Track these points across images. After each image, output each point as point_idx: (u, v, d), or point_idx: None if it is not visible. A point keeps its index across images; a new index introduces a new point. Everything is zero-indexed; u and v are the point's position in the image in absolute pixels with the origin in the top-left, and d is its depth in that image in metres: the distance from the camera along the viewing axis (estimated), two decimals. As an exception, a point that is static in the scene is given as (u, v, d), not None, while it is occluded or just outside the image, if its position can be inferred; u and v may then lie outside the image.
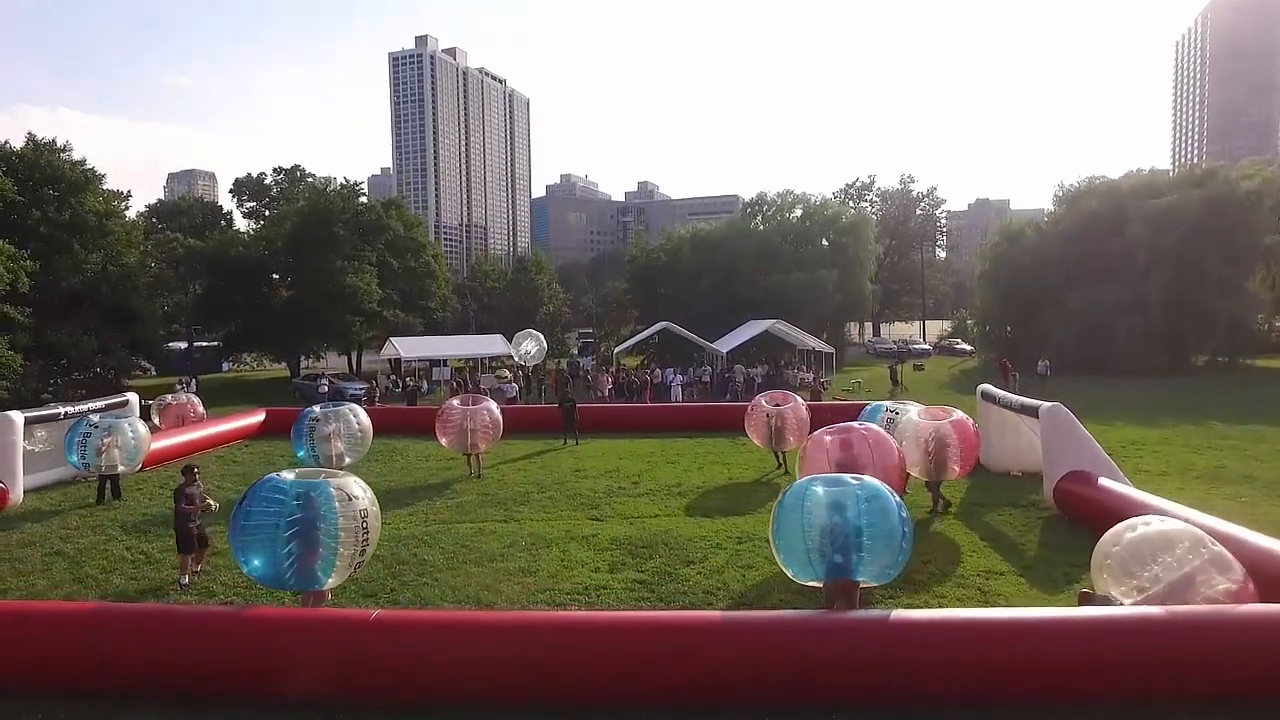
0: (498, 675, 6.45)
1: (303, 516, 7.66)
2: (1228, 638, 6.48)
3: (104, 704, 6.61)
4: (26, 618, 7.13)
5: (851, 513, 7.43)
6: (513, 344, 29.93)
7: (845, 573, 7.45)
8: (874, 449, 10.49)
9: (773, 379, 30.63)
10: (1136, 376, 34.53)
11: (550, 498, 14.23)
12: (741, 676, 6.40)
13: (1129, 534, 7.54)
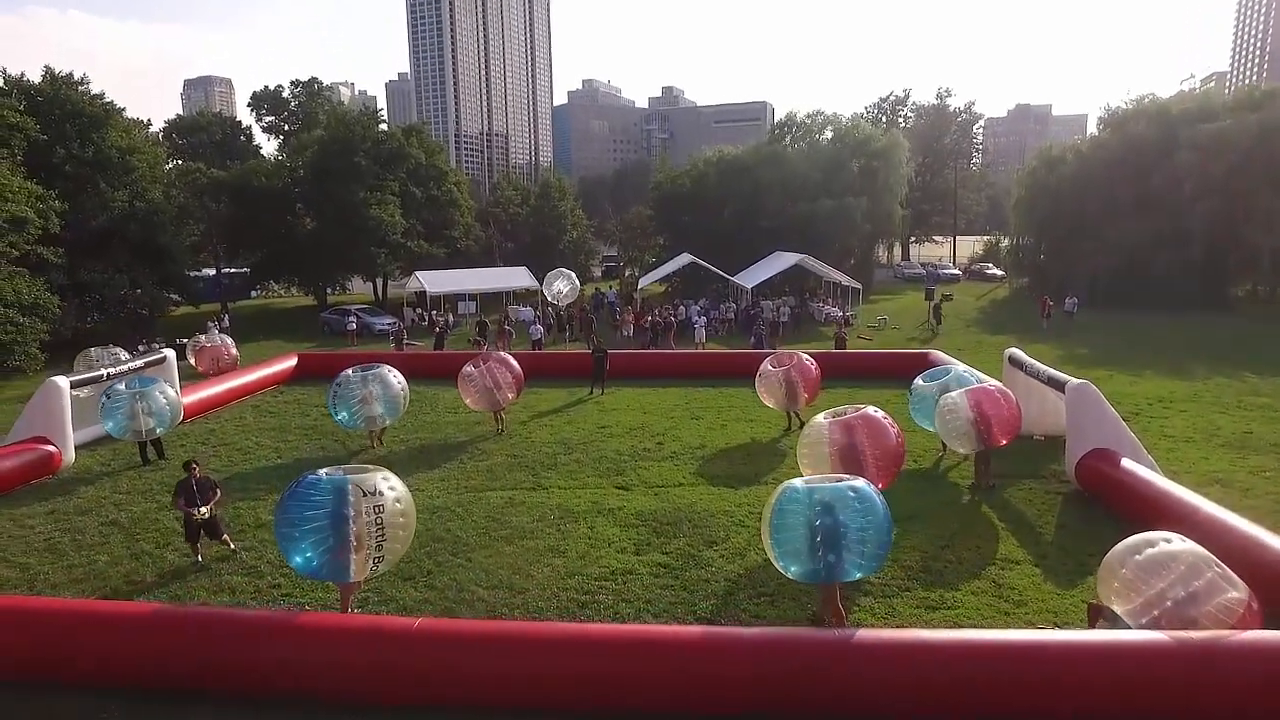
0: (529, 685, 6.89)
1: (333, 513, 7.96)
2: (1190, 665, 6.66)
3: (164, 703, 7.18)
4: (94, 617, 7.62)
5: (843, 514, 7.60)
6: (544, 283, 29.93)
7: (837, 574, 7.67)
8: (870, 435, 10.54)
9: (798, 317, 30.47)
10: (1171, 311, 33.86)
11: (577, 461, 14.60)
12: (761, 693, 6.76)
13: (1135, 556, 7.60)
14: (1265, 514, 11.37)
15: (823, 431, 10.67)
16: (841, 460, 10.37)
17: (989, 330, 30.27)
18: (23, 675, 7.39)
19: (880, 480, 10.46)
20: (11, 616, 7.65)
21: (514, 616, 8.80)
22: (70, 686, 7.32)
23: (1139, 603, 7.33)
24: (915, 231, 66.70)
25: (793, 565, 7.82)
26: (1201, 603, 7.15)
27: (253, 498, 12.73)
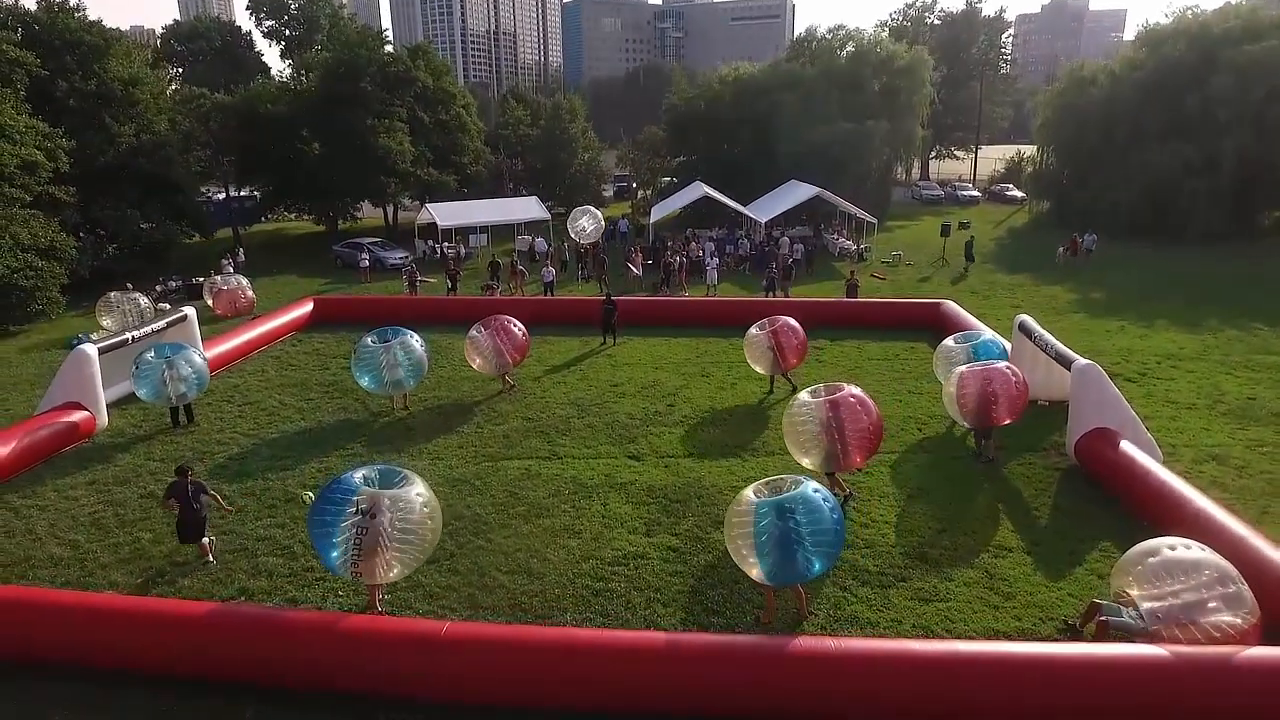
0: (549, 687, 7.53)
1: (362, 518, 8.44)
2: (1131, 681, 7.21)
3: (216, 697, 7.88)
4: (153, 616, 8.27)
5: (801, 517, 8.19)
6: (569, 220, 29.72)
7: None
8: (861, 410, 10.87)
9: (812, 254, 30.23)
10: (1194, 243, 33.41)
11: (590, 425, 15.05)
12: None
13: (1167, 551, 8.10)
14: (1255, 496, 11.81)
15: (809, 410, 11.01)
16: (826, 438, 10.76)
17: (1005, 268, 29.99)
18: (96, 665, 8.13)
19: (859, 455, 10.98)
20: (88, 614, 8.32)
21: (533, 605, 9.43)
22: (133, 678, 8.05)
23: (1154, 594, 7.86)
24: (936, 146, 64.79)
25: (770, 571, 8.32)
26: (1214, 612, 7.66)
27: (281, 468, 13.31)
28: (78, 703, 7.86)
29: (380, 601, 9.21)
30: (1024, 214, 45.95)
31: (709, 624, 9.07)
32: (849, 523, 11.20)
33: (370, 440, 14.46)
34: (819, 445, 10.85)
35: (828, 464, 11.00)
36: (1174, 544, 8.34)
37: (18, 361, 20.12)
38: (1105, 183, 37.64)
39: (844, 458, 10.88)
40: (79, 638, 8.16)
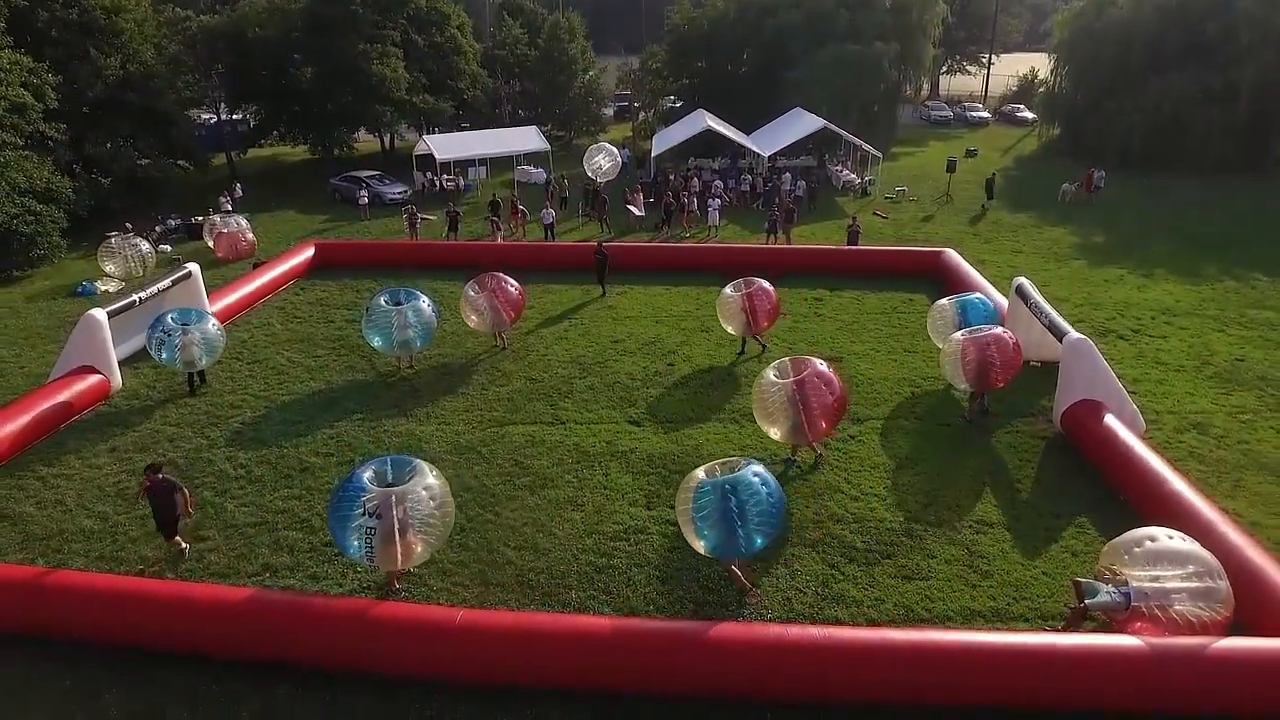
0: (557, 669, 8.21)
1: (369, 519, 8.94)
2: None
3: (252, 674, 8.58)
4: (192, 601, 8.88)
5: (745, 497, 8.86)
6: (585, 158, 29.23)
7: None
8: (825, 387, 11.44)
9: (814, 190, 29.85)
10: (1206, 175, 33.03)
11: (591, 387, 15.43)
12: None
13: (1166, 540, 8.61)
14: (1230, 469, 12.31)
15: (777, 387, 11.52)
16: (794, 412, 11.36)
17: (1008, 205, 29.65)
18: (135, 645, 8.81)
19: (826, 424, 11.62)
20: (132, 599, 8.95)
21: (539, 582, 10.06)
22: (172, 658, 8.73)
23: (1140, 575, 8.43)
24: (948, 60, 62.63)
25: (712, 546, 9.03)
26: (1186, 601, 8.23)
27: (295, 434, 13.78)
28: (125, 678, 8.57)
29: (398, 581, 9.84)
30: (1033, 139, 44.95)
31: (705, 601, 9.70)
32: (840, 495, 11.81)
33: (379, 404, 14.87)
34: (786, 420, 11.50)
35: (793, 437, 11.71)
36: (1171, 534, 8.78)
37: (25, 311, 20.34)
38: (1119, 109, 36.70)
39: (810, 431, 11.53)
40: (125, 619, 8.79)
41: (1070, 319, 18.13)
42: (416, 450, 13.17)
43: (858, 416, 14.15)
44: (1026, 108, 51.80)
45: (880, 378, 15.67)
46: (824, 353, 16.72)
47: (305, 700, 8.29)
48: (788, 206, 25.10)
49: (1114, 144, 36.17)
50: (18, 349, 17.85)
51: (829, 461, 12.66)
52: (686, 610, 9.55)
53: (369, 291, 21.17)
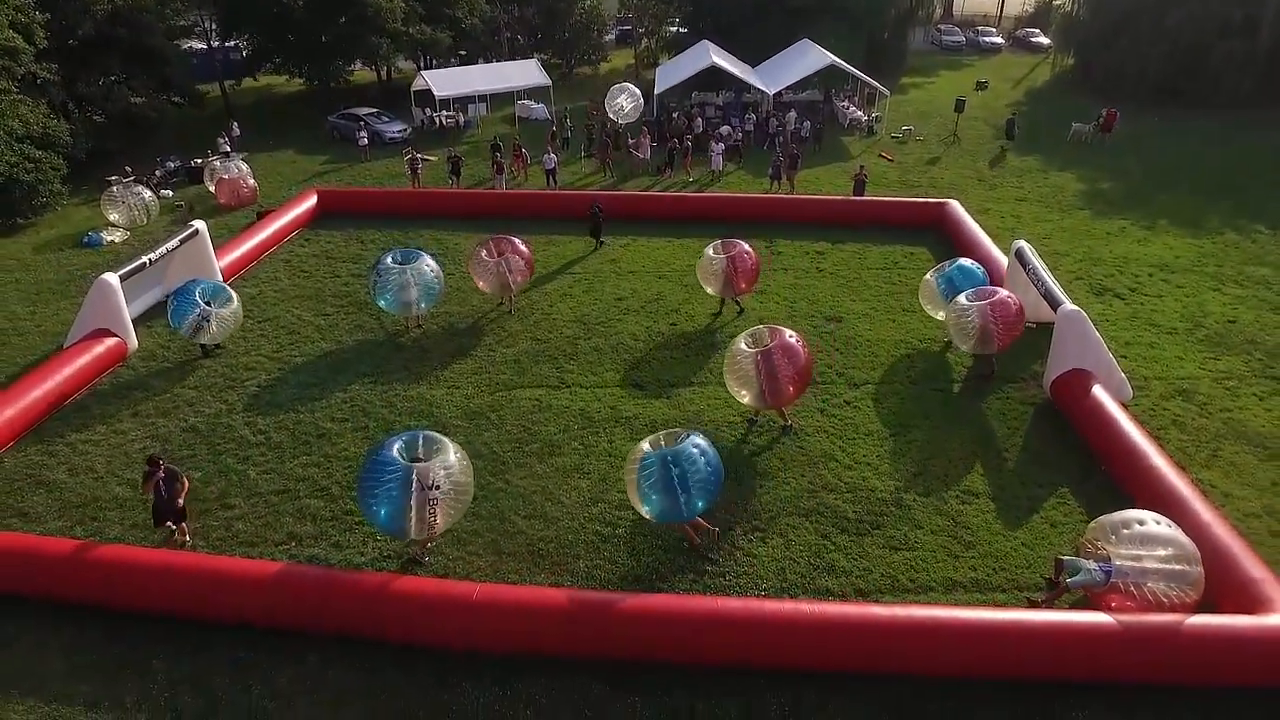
0: (565, 639, 8.91)
1: (401, 491, 9.50)
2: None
3: (285, 640, 9.30)
4: (220, 574, 9.53)
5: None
6: (606, 99, 28.63)
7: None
8: (788, 359, 12.05)
9: (819, 131, 29.38)
10: (1221, 111, 32.38)
11: (595, 349, 15.80)
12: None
13: (1154, 525, 9.18)
14: (1210, 438, 12.81)
15: (747, 356, 12.14)
16: (763, 380, 12.00)
17: (1016, 146, 29.19)
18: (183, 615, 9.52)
19: (794, 389, 12.28)
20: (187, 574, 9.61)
21: (549, 551, 10.70)
22: (214, 626, 9.45)
23: (1121, 554, 9.05)
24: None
25: (656, 511, 9.79)
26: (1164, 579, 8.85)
27: (310, 398, 14.25)
28: (177, 642, 9.30)
29: (425, 551, 10.50)
30: (1046, 68, 43.72)
31: (705, 570, 10.36)
32: (834, 464, 12.37)
33: (389, 366, 15.28)
34: (752, 387, 12.14)
35: (759, 402, 12.34)
36: (1159, 520, 9.30)
37: (35, 264, 20.54)
38: (1134, 40, 35.67)
39: (774, 399, 12.20)
40: (172, 590, 9.47)
41: (1069, 276, 18.51)
42: (429, 415, 13.69)
43: (854, 381, 14.60)
44: (1043, 32, 50.16)
45: (878, 339, 16.02)
46: (825, 313, 17.10)
47: (338, 667, 9.02)
48: (791, 153, 24.80)
49: (1130, 76, 35.35)
50: (32, 305, 18.16)
51: (825, 429, 13.17)
52: (686, 579, 10.22)
53: (374, 243, 21.33)
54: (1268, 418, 13.24)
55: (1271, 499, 11.42)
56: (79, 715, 8.53)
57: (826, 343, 15.88)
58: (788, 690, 8.65)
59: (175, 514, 10.65)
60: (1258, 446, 12.50)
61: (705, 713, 8.47)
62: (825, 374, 14.78)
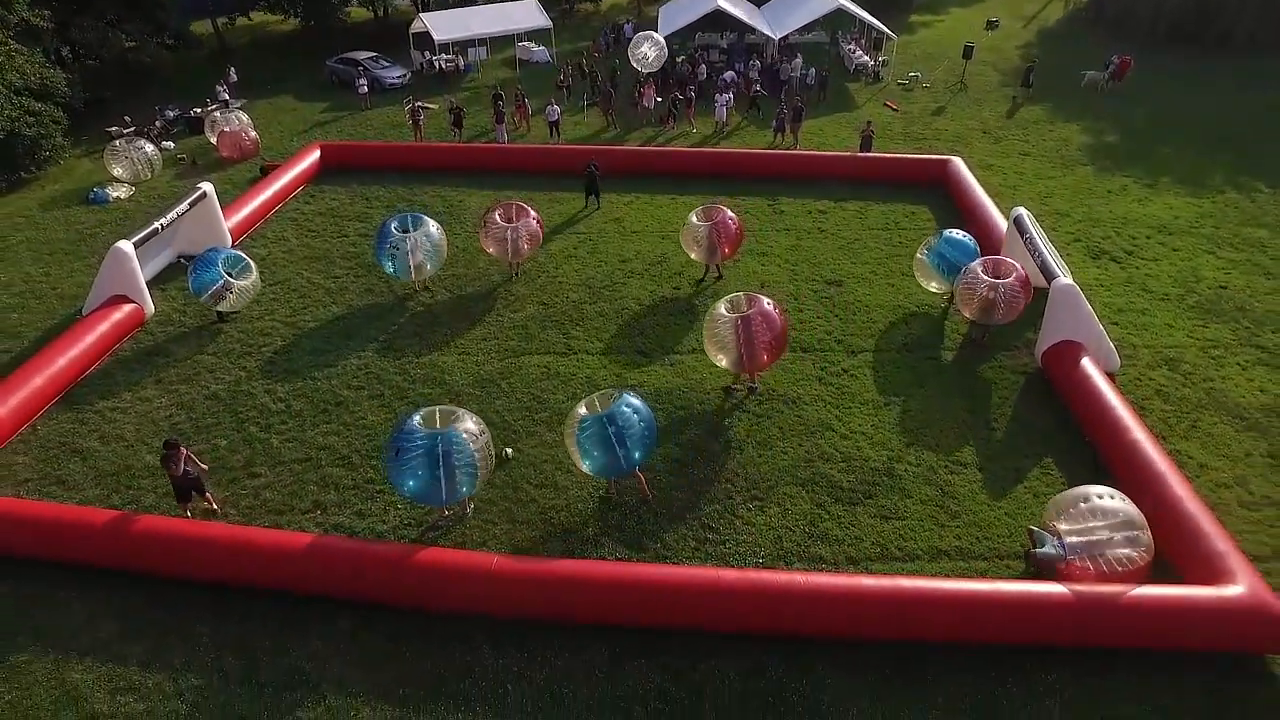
0: (573, 605, 9.65)
1: (428, 459, 10.09)
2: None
3: (318, 607, 10.03)
4: (251, 543, 10.20)
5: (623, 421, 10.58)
6: (630, 48, 28.09)
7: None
8: (765, 325, 12.59)
9: (825, 80, 28.96)
10: (1237, 53, 31.80)
11: (601, 314, 16.20)
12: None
13: (1099, 500, 9.83)
14: (1191, 408, 13.35)
15: (726, 322, 12.69)
16: (741, 345, 12.58)
17: (1024, 100, 28.80)
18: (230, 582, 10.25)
19: (769, 355, 12.85)
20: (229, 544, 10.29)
21: (560, 519, 11.37)
22: (254, 592, 10.17)
23: (1076, 529, 9.76)
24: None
25: (598, 467, 10.70)
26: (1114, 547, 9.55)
27: (325, 364, 14.74)
28: (217, 609, 10.05)
29: (467, 509, 11.32)
30: (1059, 5, 42.57)
31: (706, 539, 11.05)
32: (830, 433, 12.95)
33: (401, 332, 15.70)
34: (730, 352, 12.71)
35: (735, 366, 12.96)
36: (1102, 494, 9.98)
37: (44, 222, 20.70)
38: (1151, -20, 34.77)
39: (750, 362, 12.80)
40: (215, 559, 10.16)
41: (1068, 238, 18.77)
42: (441, 383, 14.21)
43: (852, 348, 15.06)
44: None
45: (877, 304, 16.40)
46: (826, 277, 17.42)
47: (367, 631, 9.77)
48: (796, 104, 24.58)
49: (1143, 18, 34.58)
50: (45, 266, 18.46)
51: (823, 398, 13.71)
52: (688, 548, 10.92)
53: (378, 200, 21.45)
54: (1248, 388, 13.75)
55: (1244, 469, 12.04)
56: (134, 674, 9.32)
57: (826, 308, 16.29)
58: (782, 652, 9.42)
59: (198, 488, 11.26)
60: (1236, 417, 13.06)
61: (706, 672, 9.25)
62: (824, 341, 15.24)
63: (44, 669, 9.38)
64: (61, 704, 9.00)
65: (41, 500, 11.62)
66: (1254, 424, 12.93)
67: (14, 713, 8.93)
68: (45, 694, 9.11)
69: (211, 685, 9.17)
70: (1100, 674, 9.18)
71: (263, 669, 9.39)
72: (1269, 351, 14.65)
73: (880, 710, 8.87)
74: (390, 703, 8.97)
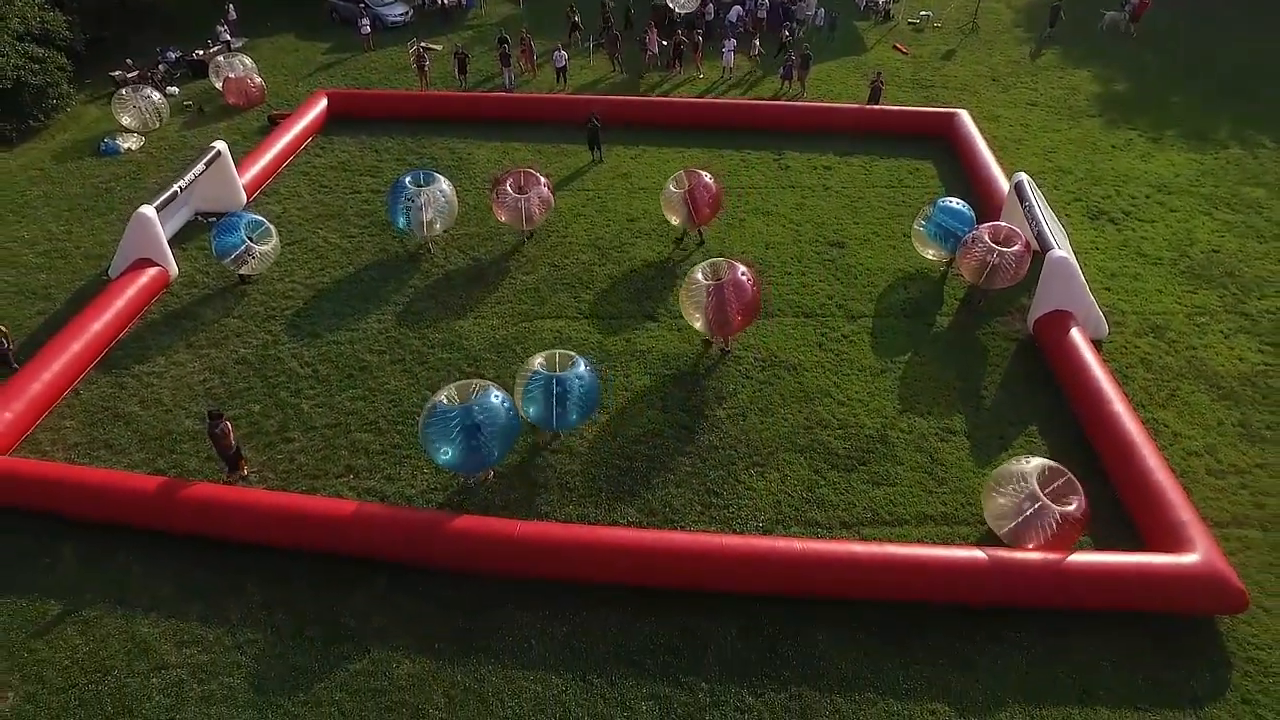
0: (589, 567, 10.62)
1: (463, 424, 10.99)
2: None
3: (356, 567, 11.01)
4: (292, 508, 11.11)
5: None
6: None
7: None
8: (735, 294, 13.42)
9: (836, 21, 28.42)
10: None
11: (610, 276, 16.73)
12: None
13: (1021, 478, 10.66)
14: (1172, 377, 14.09)
15: (701, 287, 13.49)
16: (714, 308, 13.39)
17: (1036, 42, 28.34)
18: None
19: (742, 318, 13.67)
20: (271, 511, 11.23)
21: (576, 485, 12.24)
22: (299, 554, 11.14)
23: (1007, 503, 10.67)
24: None
25: (533, 416, 12.08)
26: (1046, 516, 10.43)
27: (347, 328, 15.38)
28: (263, 570, 11.03)
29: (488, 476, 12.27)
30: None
31: (711, 503, 11.96)
32: (828, 400, 13.72)
33: (418, 295, 16.26)
34: (704, 315, 13.53)
35: (709, 330, 13.79)
36: (1036, 464, 10.82)
37: (59, 176, 20.94)
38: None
39: (724, 326, 13.65)
40: (260, 524, 11.09)
41: (1068, 197, 19.13)
42: (458, 347, 14.89)
43: (852, 314, 15.67)
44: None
45: (878, 268, 16.90)
46: (829, 239, 17.84)
47: (402, 591, 10.78)
48: (803, 51, 24.32)
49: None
50: (66, 224, 18.86)
51: (823, 364, 14.41)
52: (694, 512, 11.84)
53: (388, 153, 21.61)
54: (1228, 355, 14.43)
55: (1215, 438, 12.85)
56: (195, 628, 10.38)
57: (829, 271, 16.80)
58: (778, 611, 10.43)
59: (237, 457, 12.16)
60: (1213, 386, 13.78)
61: (711, 629, 10.29)
62: (826, 306, 15.84)
63: (115, 623, 10.43)
64: (134, 655, 10.07)
65: (94, 466, 12.49)
66: (1229, 393, 13.66)
67: (92, 662, 10.02)
68: (119, 645, 10.18)
69: (266, 639, 10.23)
70: (1062, 632, 10.20)
71: (310, 624, 10.42)
72: (1251, 319, 15.25)
73: (866, 663, 9.92)
74: (427, 655, 10.03)
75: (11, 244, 18.01)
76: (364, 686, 9.72)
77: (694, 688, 9.67)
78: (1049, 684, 9.69)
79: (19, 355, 14.47)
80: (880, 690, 9.64)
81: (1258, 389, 13.74)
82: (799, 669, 9.87)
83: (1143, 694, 9.57)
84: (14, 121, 22.67)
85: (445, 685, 9.72)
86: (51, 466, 12.01)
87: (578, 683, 9.73)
